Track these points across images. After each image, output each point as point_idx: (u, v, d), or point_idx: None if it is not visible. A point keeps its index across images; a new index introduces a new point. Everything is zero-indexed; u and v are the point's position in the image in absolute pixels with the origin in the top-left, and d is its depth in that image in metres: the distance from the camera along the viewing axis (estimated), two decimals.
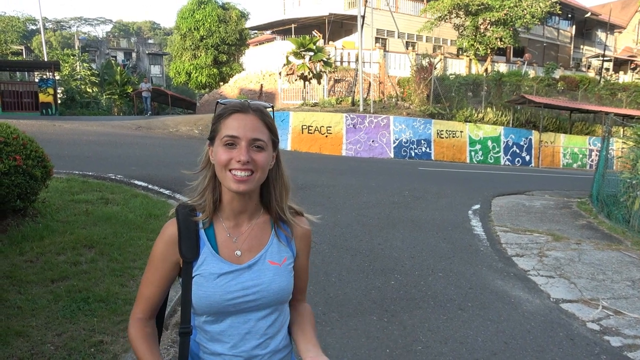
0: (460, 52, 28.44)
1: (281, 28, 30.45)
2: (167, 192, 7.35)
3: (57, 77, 25.74)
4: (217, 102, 1.25)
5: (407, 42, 28.48)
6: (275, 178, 1.26)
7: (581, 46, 38.99)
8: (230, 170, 1.16)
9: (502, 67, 27.94)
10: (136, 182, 7.65)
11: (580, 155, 21.43)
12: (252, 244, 1.25)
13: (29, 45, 50.33)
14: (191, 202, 1.25)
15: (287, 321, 1.33)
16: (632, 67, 36.42)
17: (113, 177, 7.73)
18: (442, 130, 18.59)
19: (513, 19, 24.47)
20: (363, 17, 18.99)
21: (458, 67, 26.54)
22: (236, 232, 1.25)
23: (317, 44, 19.01)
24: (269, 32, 33.97)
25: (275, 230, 1.29)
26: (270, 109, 1.26)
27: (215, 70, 31.03)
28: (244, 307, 1.21)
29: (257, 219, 1.27)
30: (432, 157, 18.27)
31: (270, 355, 1.26)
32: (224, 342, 1.22)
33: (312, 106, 18.96)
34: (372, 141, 17.40)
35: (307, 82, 19.17)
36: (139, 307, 1.25)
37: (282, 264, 1.26)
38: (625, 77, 33.91)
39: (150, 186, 7.52)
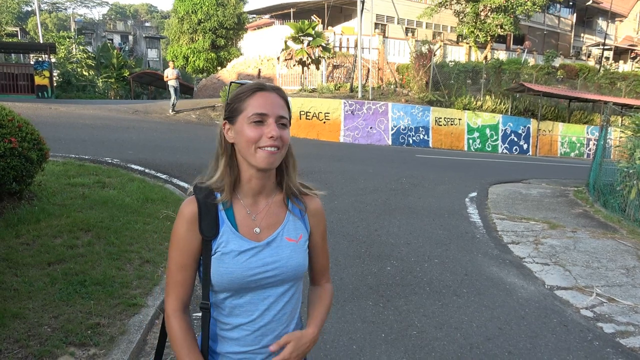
0: (460, 39, 28.26)
1: (280, 12, 30.16)
2: (164, 176, 7.34)
3: (53, 60, 25.49)
4: (231, 82, 1.29)
5: (406, 28, 28.25)
6: (287, 156, 1.30)
7: (582, 34, 38.76)
8: (259, 147, 1.18)
9: (502, 55, 27.78)
10: (133, 166, 7.62)
11: (578, 144, 21.44)
12: (270, 221, 1.28)
13: (24, 27, 49.74)
14: (209, 183, 1.25)
15: (300, 298, 1.37)
16: (632, 56, 36.27)
17: (110, 161, 7.70)
18: (441, 118, 18.55)
19: (514, 6, 24.27)
20: (363, 2, 18.78)
21: (457, 54, 26.37)
22: (254, 210, 1.27)
23: (316, 29, 18.82)
24: (267, 16, 33.64)
25: (290, 206, 1.32)
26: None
27: (213, 54, 30.77)
28: (264, 282, 1.23)
29: (273, 197, 1.30)
30: (430, 145, 18.26)
31: (286, 328, 1.29)
32: (243, 317, 1.25)
33: (310, 92, 18.86)
34: (370, 128, 17.35)
35: (305, 68, 19.02)
36: (172, 296, 1.24)
37: (298, 241, 1.29)
38: (625, 67, 33.80)
39: (147, 170, 7.50)
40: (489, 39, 25.82)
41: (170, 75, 15.81)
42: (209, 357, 1.26)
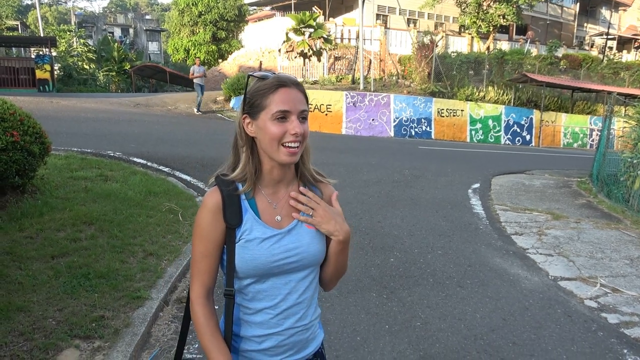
0: (462, 30, 28.07)
1: (281, 4, 29.97)
2: (166, 169, 7.33)
3: (54, 54, 25.42)
4: (249, 75, 1.29)
5: (408, 19, 28.07)
6: None
7: (585, 24, 38.45)
8: (282, 144, 1.22)
9: (505, 45, 27.61)
10: (135, 159, 7.62)
11: (581, 135, 21.34)
12: (290, 209, 1.31)
13: (24, 20, 49.55)
14: (231, 176, 1.29)
15: (318, 284, 1.42)
16: (635, 45, 35.98)
17: (112, 154, 7.69)
18: (443, 109, 18.47)
19: None
20: None
21: (460, 44, 26.21)
22: (275, 199, 1.32)
23: (317, 20, 18.71)
24: (268, 8, 33.45)
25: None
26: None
27: (214, 47, 30.68)
28: (286, 268, 1.28)
29: (292, 185, 1.35)
30: (433, 136, 18.20)
31: (306, 311, 1.34)
32: (266, 301, 1.29)
33: (311, 84, 18.78)
34: (372, 120, 17.30)
35: (306, 60, 18.93)
36: (197, 284, 1.29)
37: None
38: (628, 56, 33.53)
39: (149, 163, 7.49)
40: (491, 30, 25.63)
41: (196, 72, 15.29)
42: (232, 341, 1.31)
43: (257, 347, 1.30)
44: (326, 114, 16.74)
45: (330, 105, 16.76)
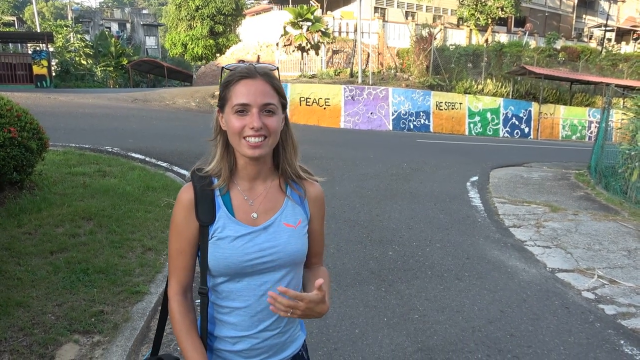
0: (461, 22, 27.96)
1: None
2: (164, 164, 7.33)
3: (51, 49, 25.28)
4: (223, 67, 1.25)
5: (406, 12, 27.96)
6: (285, 139, 1.27)
7: (583, 16, 38.32)
8: (244, 138, 1.17)
9: (503, 38, 27.51)
10: (133, 154, 7.61)
11: (580, 127, 21.33)
12: (268, 206, 1.26)
13: (20, 16, 49.32)
14: (207, 170, 1.25)
15: (300, 284, 1.34)
16: (634, 37, 35.88)
17: (110, 150, 7.68)
18: (441, 102, 18.44)
19: None
20: None
21: (458, 37, 26.11)
22: (252, 195, 1.26)
23: (315, 13, 18.65)
24: (265, 1, 33.29)
25: (289, 191, 1.30)
26: (276, 70, 1.26)
27: (211, 41, 30.56)
28: (260, 267, 1.22)
29: (271, 181, 1.29)
30: (431, 129, 18.19)
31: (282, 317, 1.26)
32: (239, 302, 1.24)
33: (310, 78, 18.74)
34: (371, 113, 17.27)
35: (305, 53, 18.88)
36: (173, 280, 1.27)
37: (297, 226, 1.27)
38: (627, 48, 33.44)
39: (147, 159, 7.49)
40: (489, 22, 25.54)
41: None
42: (207, 340, 1.27)
43: (230, 347, 1.26)
44: (324, 108, 16.71)
45: (328, 99, 16.73)
